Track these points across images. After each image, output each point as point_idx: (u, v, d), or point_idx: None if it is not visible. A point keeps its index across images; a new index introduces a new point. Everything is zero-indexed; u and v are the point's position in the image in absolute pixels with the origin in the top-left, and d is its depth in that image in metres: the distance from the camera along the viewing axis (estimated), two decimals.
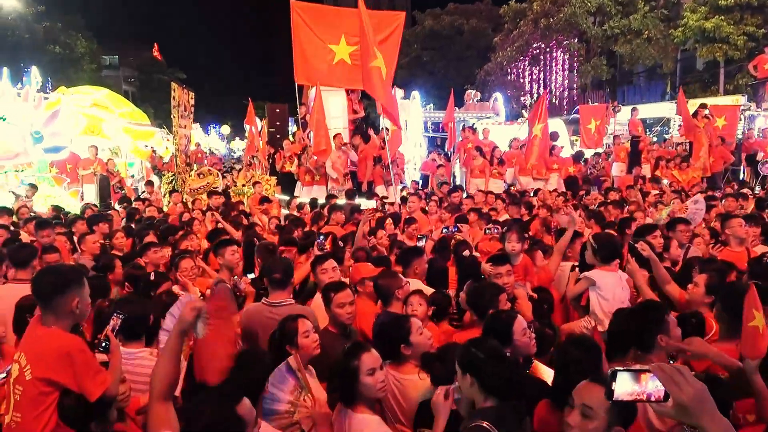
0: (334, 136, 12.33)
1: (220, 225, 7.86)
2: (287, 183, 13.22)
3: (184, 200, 11.25)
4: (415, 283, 4.69)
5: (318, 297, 4.50)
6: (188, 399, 2.74)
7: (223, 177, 13.77)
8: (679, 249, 5.51)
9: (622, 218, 7.11)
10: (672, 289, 4.21)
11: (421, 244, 5.90)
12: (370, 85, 9.55)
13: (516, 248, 5.19)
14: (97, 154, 14.68)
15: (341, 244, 6.51)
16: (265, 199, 10.20)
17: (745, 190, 9.91)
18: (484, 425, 2.42)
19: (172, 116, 13.65)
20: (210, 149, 39.89)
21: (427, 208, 9.15)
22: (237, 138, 52.04)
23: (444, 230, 6.43)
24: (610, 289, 4.37)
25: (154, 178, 16.31)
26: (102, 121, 16.71)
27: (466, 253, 5.50)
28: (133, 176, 17.65)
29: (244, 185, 12.30)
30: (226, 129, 52.24)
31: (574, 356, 2.71)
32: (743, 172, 15.26)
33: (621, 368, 1.55)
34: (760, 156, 14.72)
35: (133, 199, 11.82)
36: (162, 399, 2.32)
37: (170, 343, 2.44)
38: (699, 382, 1.48)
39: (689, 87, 24.54)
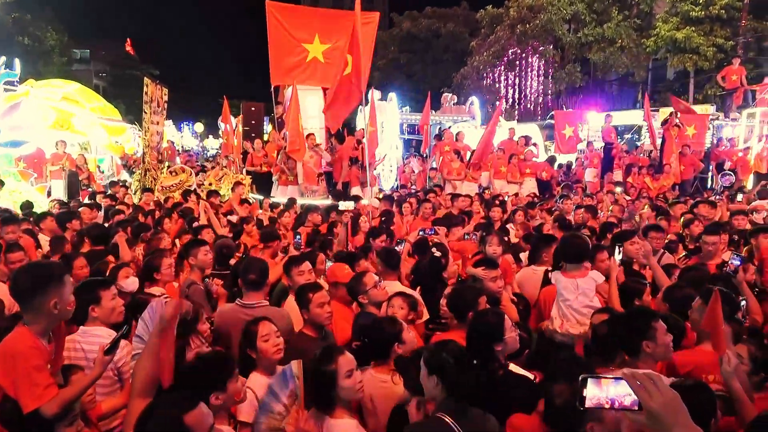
0: (307, 136, 12.23)
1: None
2: (263, 183, 13.08)
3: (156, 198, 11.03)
4: (396, 286, 4.66)
5: (291, 299, 4.45)
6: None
7: (197, 175, 13.55)
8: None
9: (605, 223, 7.24)
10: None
11: (399, 248, 5.87)
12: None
13: (497, 251, 5.21)
14: (65, 149, 14.32)
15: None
16: (244, 200, 10.07)
17: (714, 198, 10.12)
18: (446, 419, 2.41)
19: (143, 111, 13.39)
20: (183, 147, 39.32)
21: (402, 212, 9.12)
22: (210, 136, 51.40)
23: (420, 232, 6.42)
24: (562, 294, 4.38)
25: (125, 175, 16.00)
26: (72, 115, 16.30)
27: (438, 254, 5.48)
28: (103, 172, 17.26)
29: (210, 184, 12.09)
30: (199, 127, 51.50)
31: (558, 369, 2.72)
32: (711, 180, 15.62)
33: (591, 375, 1.52)
34: (727, 165, 15.09)
35: (103, 196, 11.52)
36: (143, 396, 2.34)
37: (151, 341, 2.48)
38: (671, 391, 1.44)
39: (660, 95, 25.06)
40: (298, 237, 5.58)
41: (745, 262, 4.52)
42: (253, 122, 16.87)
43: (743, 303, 4.01)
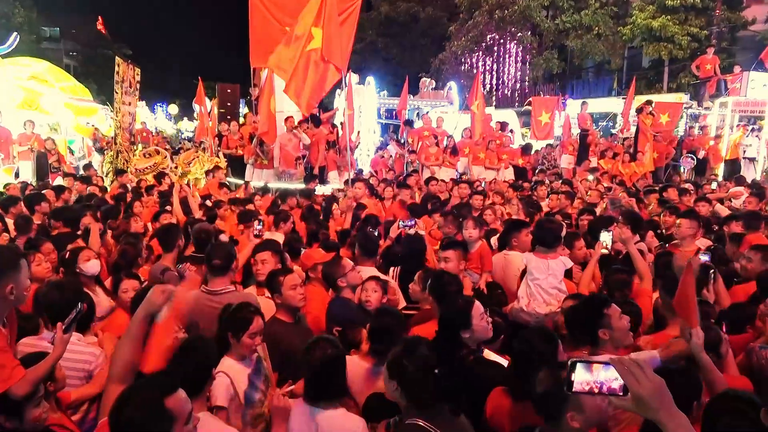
0: (286, 119, 12.07)
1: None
2: (237, 166, 12.91)
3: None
4: (370, 270, 4.64)
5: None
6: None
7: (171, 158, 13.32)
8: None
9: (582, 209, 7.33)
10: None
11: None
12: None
13: (473, 235, 5.22)
14: (33, 130, 13.93)
15: None
16: (223, 185, 9.92)
17: (686, 185, 10.27)
18: (420, 423, 2.41)
19: (114, 92, 13.06)
20: (157, 129, 38.62)
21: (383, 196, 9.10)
22: (185, 118, 50.52)
23: (401, 225, 6.33)
24: (532, 273, 4.44)
25: (96, 157, 15.64)
26: (40, 95, 15.84)
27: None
28: (73, 153, 16.85)
29: (177, 167, 11.87)
30: (174, 108, 50.57)
31: (531, 345, 2.73)
32: (683, 168, 15.86)
33: (580, 359, 1.54)
34: (701, 154, 15.33)
35: (74, 178, 11.24)
36: (120, 382, 2.27)
37: (133, 326, 2.39)
38: (657, 377, 1.48)
39: (636, 84, 25.29)
40: (259, 224, 5.44)
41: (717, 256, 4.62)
42: (228, 104, 16.65)
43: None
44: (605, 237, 4.64)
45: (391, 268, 5.37)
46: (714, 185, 11.70)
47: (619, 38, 25.58)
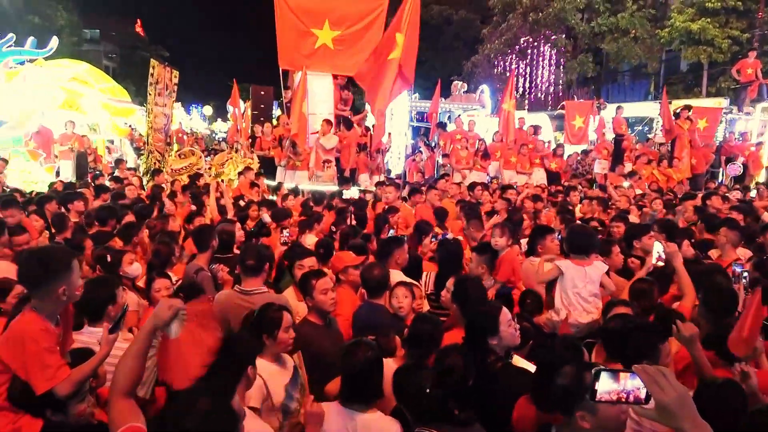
0: (325, 121, 12.17)
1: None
2: (268, 167, 13.05)
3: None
4: (397, 275, 4.64)
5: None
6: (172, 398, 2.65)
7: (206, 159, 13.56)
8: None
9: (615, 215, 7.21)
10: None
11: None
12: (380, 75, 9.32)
13: (498, 243, 5.18)
14: (74, 130, 14.33)
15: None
16: (254, 184, 10.06)
17: (730, 193, 10.01)
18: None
19: (148, 93, 13.34)
20: (192, 129, 39.33)
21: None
22: (219, 119, 51.36)
23: (433, 238, 6.27)
24: (572, 281, 4.37)
25: (130, 157, 16.00)
26: (81, 95, 16.29)
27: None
28: (111, 153, 17.29)
29: (210, 168, 12.06)
30: (208, 110, 51.47)
31: (556, 355, 2.70)
32: (722, 175, 15.46)
33: (604, 368, 1.53)
34: (740, 160, 14.93)
35: (109, 177, 11.53)
36: (125, 395, 2.23)
37: (139, 339, 2.33)
38: (681, 386, 1.47)
39: (672, 88, 24.72)
40: (285, 232, 5.48)
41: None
42: (262, 106, 16.81)
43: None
44: (659, 248, 4.54)
45: (425, 273, 5.37)
46: (753, 193, 11.37)
47: (656, 41, 25.04)
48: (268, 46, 12.97)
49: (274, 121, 16.44)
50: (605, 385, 1.51)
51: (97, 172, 13.52)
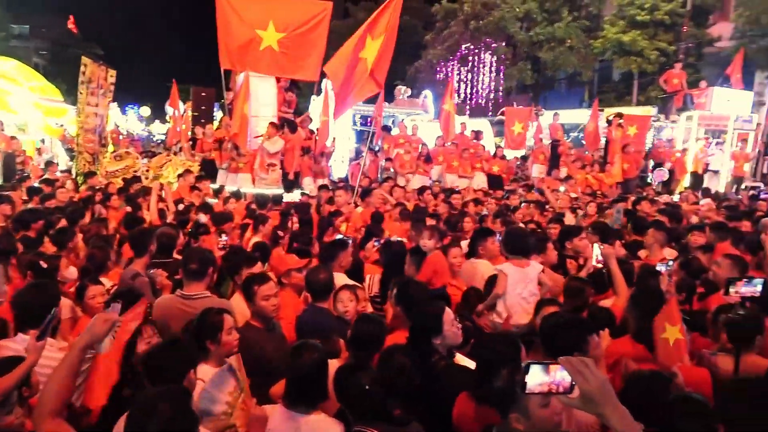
0: (270, 124, 12.02)
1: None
2: (209, 170, 12.79)
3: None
4: (341, 278, 4.65)
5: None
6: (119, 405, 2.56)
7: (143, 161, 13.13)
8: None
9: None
10: None
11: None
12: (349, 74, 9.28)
13: (427, 245, 5.28)
14: (2, 130, 13.61)
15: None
16: (195, 187, 9.84)
17: (657, 197, 10.53)
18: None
19: (79, 92, 12.82)
20: (128, 131, 38.05)
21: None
22: (157, 121, 49.85)
23: (375, 242, 6.31)
24: (513, 284, 4.52)
25: (62, 159, 15.33)
26: (8, 94, 15.50)
27: None
28: (41, 156, 16.49)
29: (149, 170, 11.73)
30: (145, 110, 49.85)
31: (494, 351, 2.79)
32: (651, 179, 16.24)
33: (535, 361, 1.61)
34: (667, 165, 15.74)
35: (38, 180, 11.00)
36: (54, 416, 2.11)
37: (71, 356, 2.20)
38: (602, 374, 1.56)
39: (605, 96, 25.82)
40: (224, 236, 5.41)
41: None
42: (203, 108, 16.48)
43: None
44: (597, 251, 4.72)
45: (367, 276, 5.41)
46: (676, 197, 12.02)
47: (590, 51, 26.12)
48: (209, 46, 12.72)
49: (216, 123, 16.15)
50: (536, 378, 1.58)
51: (25, 174, 12.87)
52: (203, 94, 16.43)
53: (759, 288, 3.22)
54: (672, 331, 3.06)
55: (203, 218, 6.64)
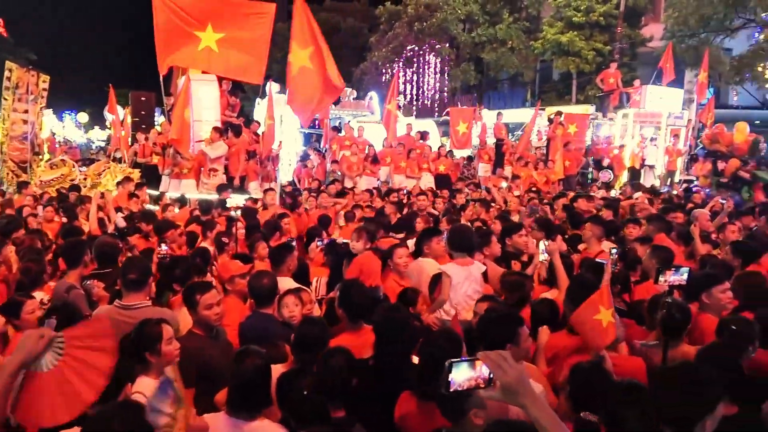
0: (214, 129, 11.79)
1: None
2: (151, 176, 12.46)
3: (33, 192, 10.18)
4: (288, 282, 4.62)
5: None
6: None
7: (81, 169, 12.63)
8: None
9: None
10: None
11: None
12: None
13: (356, 247, 5.32)
14: None
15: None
16: (133, 195, 9.55)
17: (593, 192, 10.91)
18: None
19: (3, 98, 12.26)
20: (65, 138, 36.62)
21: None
22: (96, 127, 48.11)
23: (319, 243, 6.30)
24: (458, 283, 4.60)
25: None
26: None
27: None
28: None
29: (86, 178, 11.34)
30: (83, 117, 48.03)
31: (437, 348, 2.83)
32: (591, 175, 16.80)
33: (456, 359, 1.64)
34: (606, 161, 16.31)
35: None
36: None
37: (4, 376, 2.03)
38: (520, 366, 1.63)
39: (546, 95, 26.59)
40: (164, 246, 5.29)
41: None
42: (143, 113, 16.02)
43: None
44: (543, 246, 4.83)
45: (314, 279, 5.39)
46: (613, 192, 12.49)
47: (531, 52, 26.80)
48: (147, 50, 12.36)
49: (158, 128, 15.73)
50: (462, 375, 1.61)
51: None
52: (143, 98, 15.98)
53: (685, 276, 3.38)
54: (605, 314, 3.17)
55: (121, 221, 6.46)
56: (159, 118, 19.45)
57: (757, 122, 22.31)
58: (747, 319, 3.45)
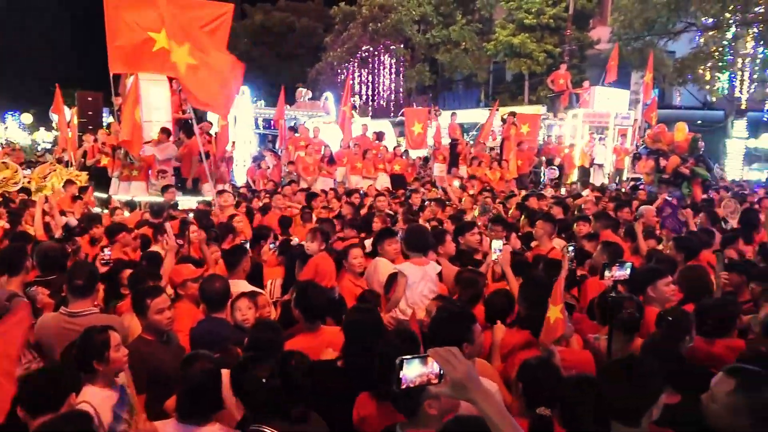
0: (162, 129, 11.51)
1: None
2: (101, 178, 12.09)
3: None
4: (242, 284, 4.57)
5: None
6: None
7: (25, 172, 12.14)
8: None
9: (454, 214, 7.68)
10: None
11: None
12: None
13: (311, 248, 5.33)
14: None
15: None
16: (77, 198, 9.26)
17: (545, 191, 11.17)
18: (265, 429, 2.50)
19: None
20: (7, 140, 35.18)
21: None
22: (42, 128, 46.38)
23: (271, 245, 6.26)
24: (414, 282, 4.63)
25: None
26: None
27: None
28: None
29: (30, 181, 10.94)
30: (27, 117, 46.22)
31: (393, 347, 2.84)
32: (543, 174, 17.19)
33: (406, 357, 1.65)
34: (557, 161, 16.72)
35: None
36: None
37: None
38: (468, 362, 1.65)
39: (500, 96, 27.02)
40: (106, 251, 5.15)
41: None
42: (90, 113, 15.54)
43: None
44: (497, 245, 4.89)
45: (269, 281, 5.33)
46: (563, 190, 12.82)
47: (484, 53, 27.21)
48: (95, 48, 11.98)
49: (106, 129, 15.27)
50: (413, 372, 1.63)
51: None
52: (90, 99, 15.50)
53: (628, 271, 3.50)
54: (553, 311, 3.26)
55: (73, 221, 6.27)
56: (107, 119, 18.91)
57: (699, 122, 23.27)
58: (683, 310, 3.60)
